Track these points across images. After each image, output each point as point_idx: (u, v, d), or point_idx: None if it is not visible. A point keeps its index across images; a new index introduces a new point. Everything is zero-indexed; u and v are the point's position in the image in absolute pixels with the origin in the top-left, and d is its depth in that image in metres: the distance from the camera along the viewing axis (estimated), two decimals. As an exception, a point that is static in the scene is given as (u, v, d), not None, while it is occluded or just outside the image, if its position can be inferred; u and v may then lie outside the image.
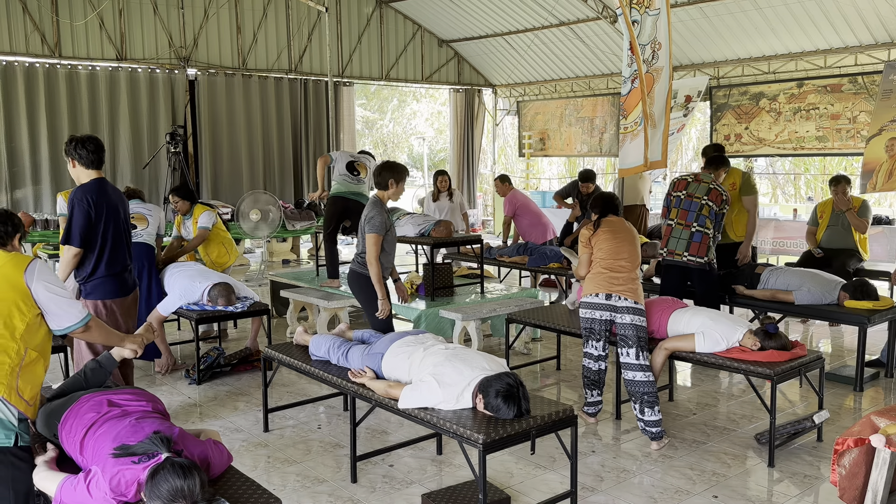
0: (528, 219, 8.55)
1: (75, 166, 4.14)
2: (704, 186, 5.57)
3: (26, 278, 2.75)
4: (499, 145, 17.39)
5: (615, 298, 4.41)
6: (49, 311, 2.81)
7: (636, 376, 4.35)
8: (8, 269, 2.76)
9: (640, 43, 6.79)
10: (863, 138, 10.35)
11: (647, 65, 7.09)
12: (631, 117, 6.50)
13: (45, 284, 2.79)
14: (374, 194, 4.80)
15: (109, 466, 2.47)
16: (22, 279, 2.74)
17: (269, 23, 12.71)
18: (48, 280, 2.81)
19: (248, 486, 2.75)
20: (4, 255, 2.81)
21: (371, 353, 3.85)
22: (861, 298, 5.35)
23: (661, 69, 7.00)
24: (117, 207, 4.26)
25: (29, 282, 2.75)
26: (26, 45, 10.61)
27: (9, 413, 2.67)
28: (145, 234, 6.00)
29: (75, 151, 4.09)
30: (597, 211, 4.69)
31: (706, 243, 5.46)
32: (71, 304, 2.88)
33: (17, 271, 2.75)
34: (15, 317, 2.71)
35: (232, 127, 12.47)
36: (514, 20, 13.24)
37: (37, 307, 2.78)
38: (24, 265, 2.78)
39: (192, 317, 5.51)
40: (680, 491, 3.80)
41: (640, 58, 6.46)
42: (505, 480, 3.92)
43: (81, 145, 4.09)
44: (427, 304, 6.08)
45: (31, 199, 10.99)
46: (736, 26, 10.92)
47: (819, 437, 4.46)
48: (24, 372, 2.73)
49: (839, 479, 2.78)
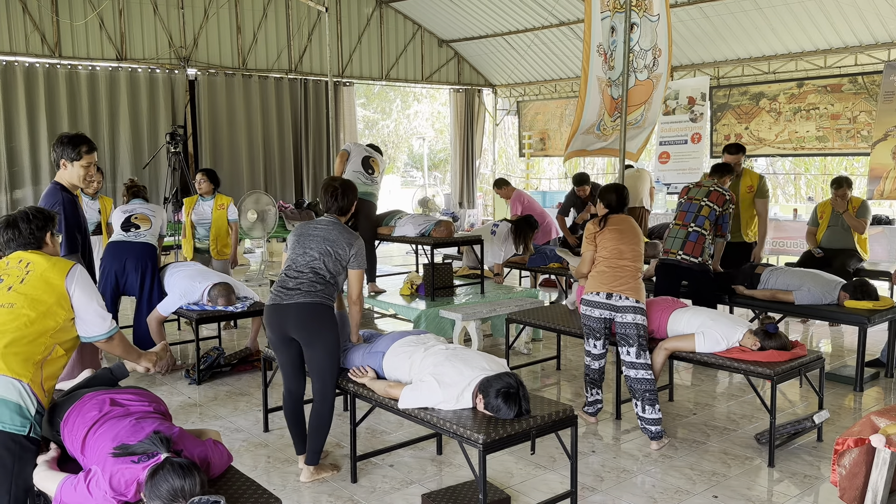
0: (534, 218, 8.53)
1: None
2: (704, 189, 5.60)
3: (67, 282, 2.86)
4: (499, 145, 17.39)
5: (616, 298, 4.41)
6: (81, 317, 2.91)
7: (637, 374, 4.35)
8: (51, 273, 2.87)
9: (641, 48, 6.91)
10: (863, 138, 10.36)
11: (648, 70, 7.25)
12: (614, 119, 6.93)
13: (83, 291, 2.89)
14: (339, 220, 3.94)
15: (109, 466, 2.48)
16: (63, 283, 2.86)
17: (269, 23, 12.71)
18: (86, 287, 2.91)
19: (248, 486, 2.74)
20: (46, 260, 2.92)
21: (372, 352, 3.85)
22: (861, 298, 5.35)
23: (660, 75, 7.16)
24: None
25: (69, 286, 2.86)
26: (26, 45, 10.61)
27: (29, 402, 2.72)
28: (148, 235, 6.00)
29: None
30: (607, 204, 4.62)
31: (701, 243, 5.47)
32: (102, 314, 2.96)
33: (59, 275, 2.87)
34: (51, 317, 2.81)
35: (232, 127, 12.47)
36: (514, 20, 13.24)
37: (72, 311, 2.88)
38: (67, 270, 2.89)
39: (192, 317, 5.51)
40: (680, 491, 3.80)
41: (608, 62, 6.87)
42: (505, 480, 3.92)
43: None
44: (427, 304, 6.08)
45: (31, 200, 10.98)
46: (736, 26, 10.92)
47: (819, 437, 4.46)
48: (48, 365, 2.82)
49: (839, 479, 2.78)
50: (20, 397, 2.69)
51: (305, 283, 3.72)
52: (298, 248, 3.80)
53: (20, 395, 2.69)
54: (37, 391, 2.75)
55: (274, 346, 3.86)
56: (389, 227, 6.96)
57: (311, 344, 3.72)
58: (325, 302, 3.73)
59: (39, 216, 3.02)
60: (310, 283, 3.71)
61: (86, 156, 3.90)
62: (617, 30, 6.73)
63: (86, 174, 3.97)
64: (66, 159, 3.92)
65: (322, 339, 3.70)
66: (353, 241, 3.81)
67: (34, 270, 2.87)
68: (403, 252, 12.71)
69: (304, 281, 3.72)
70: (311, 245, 3.77)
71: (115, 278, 5.85)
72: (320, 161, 13.38)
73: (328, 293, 3.75)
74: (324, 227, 3.83)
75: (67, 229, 4.00)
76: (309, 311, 3.68)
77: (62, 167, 3.97)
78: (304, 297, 3.68)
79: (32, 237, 2.98)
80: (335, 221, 3.88)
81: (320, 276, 3.73)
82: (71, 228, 4.03)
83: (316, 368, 3.75)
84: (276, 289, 3.79)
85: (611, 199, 4.61)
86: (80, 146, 3.90)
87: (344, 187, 3.90)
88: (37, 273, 2.86)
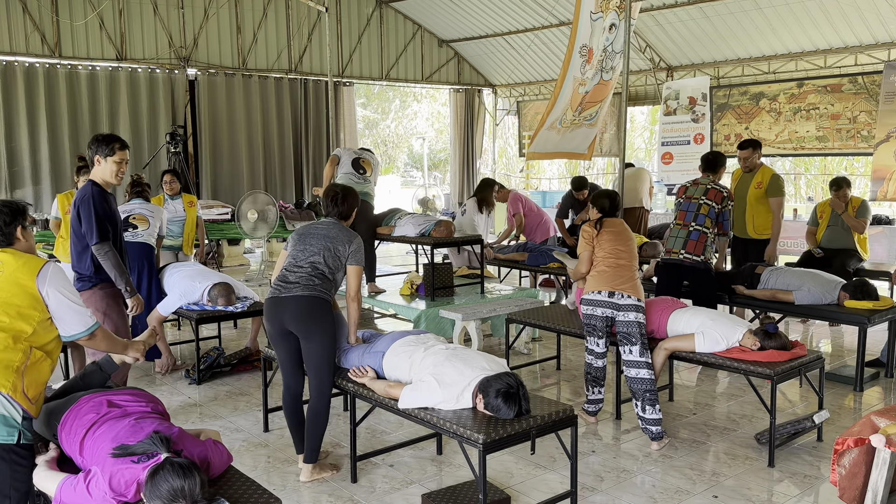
0: (532, 218, 8.53)
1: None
2: (702, 188, 5.61)
3: (38, 283, 2.74)
4: (499, 145, 17.39)
5: (618, 296, 4.42)
6: (58, 316, 2.81)
7: (639, 373, 4.35)
8: (21, 273, 2.73)
9: (613, 49, 7.04)
10: (863, 138, 10.36)
11: (613, 72, 7.39)
12: (585, 112, 7.13)
13: (57, 289, 2.77)
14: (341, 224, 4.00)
15: (109, 466, 2.47)
16: (34, 283, 2.73)
17: (269, 23, 12.71)
18: (60, 286, 2.79)
19: (248, 486, 2.74)
20: (17, 259, 2.78)
21: (372, 352, 3.85)
22: (861, 298, 5.35)
23: (614, 79, 7.35)
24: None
25: (41, 287, 2.74)
26: (26, 45, 10.61)
27: (13, 410, 2.67)
28: (146, 235, 6.00)
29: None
30: (600, 209, 4.69)
31: (703, 242, 5.48)
32: (80, 311, 2.86)
33: (30, 275, 2.73)
34: (25, 320, 2.70)
35: (232, 127, 12.47)
36: (514, 20, 13.24)
37: (47, 311, 2.77)
38: (37, 269, 2.75)
39: (192, 317, 5.51)
40: (680, 491, 3.80)
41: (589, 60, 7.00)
42: (505, 480, 3.92)
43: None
44: (427, 304, 6.08)
45: (31, 200, 10.99)
46: (736, 26, 10.92)
47: (819, 437, 4.46)
48: (30, 371, 2.72)
49: (839, 479, 2.78)
50: (2, 408, 2.63)
51: (304, 276, 3.78)
52: (299, 245, 3.88)
53: (2, 406, 2.63)
54: (19, 400, 2.66)
55: (273, 340, 3.90)
56: (389, 226, 6.96)
57: (308, 337, 3.76)
58: (323, 296, 3.78)
59: (6, 210, 2.85)
60: (308, 277, 3.77)
61: (119, 152, 4.19)
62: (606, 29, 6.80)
63: (118, 170, 4.23)
64: (100, 155, 4.19)
65: (319, 332, 3.74)
66: (352, 238, 3.90)
67: (4, 271, 2.73)
68: (403, 252, 12.70)
69: (303, 275, 3.79)
70: (312, 242, 3.86)
71: (115, 278, 5.85)
72: (320, 161, 13.38)
73: (326, 288, 3.80)
74: (325, 227, 3.93)
75: (98, 220, 4.19)
76: (307, 304, 3.73)
77: (96, 163, 4.23)
78: (302, 291, 3.75)
79: (1, 233, 2.83)
80: (335, 222, 3.96)
81: (319, 271, 3.80)
82: (101, 219, 4.21)
83: (313, 363, 3.79)
84: (276, 283, 3.85)
85: (604, 203, 4.70)
86: (113, 143, 4.19)
87: (345, 193, 4.00)
88: (6, 274, 2.73)
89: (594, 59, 7.22)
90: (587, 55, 7.06)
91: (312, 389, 3.82)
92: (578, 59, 6.90)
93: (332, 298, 3.89)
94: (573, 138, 8.24)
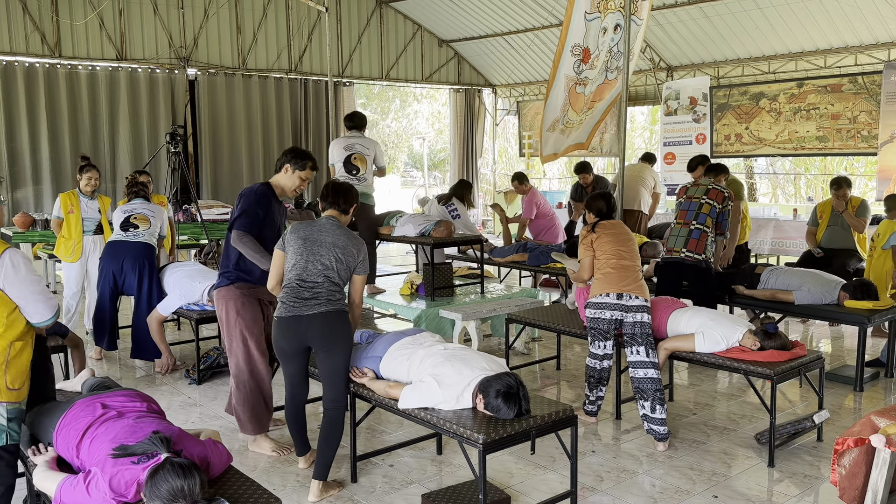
0: (544, 221, 8.46)
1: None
2: (703, 188, 5.62)
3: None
4: (499, 145, 17.39)
5: (626, 297, 4.40)
6: (22, 305, 2.75)
7: (648, 373, 4.33)
8: None
9: (618, 49, 7.06)
10: (863, 138, 10.37)
11: (617, 71, 7.42)
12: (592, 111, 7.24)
13: (16, 277, 2.69)
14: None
15: (109, 467, 2.47)
16: None
17: (269, 23, 12.71)
18: (19, 273, 2.70)
19: (248, 486, 2.74)
20: None
21: (369, 357, 3.83)
22: (861, 298, 5.35)
23: (619, 77, 7.41)
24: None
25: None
26: (26, 45, 10.61)
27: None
28: (146, 235, 6.00)
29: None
30: (597, 212, 4.69)
31: (704, 241, 5.48)
32: (44, 297, 2.79)
33: None
34: None
35: (232, 127, 12.47)
36: (514, 20, 13.25)
37: (12, 302, 2.71)
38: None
39: (192, 317, 5.52)
40: (680, 491, 3.80)
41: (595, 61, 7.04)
42: (505, 480, 3.92)
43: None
44: (427, 304, 6.08)
45: (31, 199, 11.00)
46: (736, 26, 10.93)
47: (819, 437, 4.46)
48: (12, 365, 2.69)
49: (839, 479, 2.78)
50: None
51: (324, 292, 3.66)
52: (306, 253, 3.68)
53: None
54: (4, 398, 2.63)
55: (286, 356, 3.77)
56: (389, 226, 6.96)
57: (330, 350, 3.67)
58: (344, 308, 3.73)
59: None
60: (328, 293, 3.67)
61: (308, 170, 4.20)
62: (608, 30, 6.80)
63: (299, 185, 4.24)
64: (291, 165, 4.20)
65: (342, 345, 3.69)
66: (360, 246, 3.80)
67: None
68: (403, 252, 12.70)
69: (321, 290, 3.66)
70: (322, 252, 3.68)
71: (113, 278, 5.85)
72: (320, 161, 13.36)
73: (343, 299, 3.75)
74: (330, 233, 3.73)
75: (250, 214, 4.10)
76: (333, 320, 3.66)
77: (284, 171, 4.21)
78: (325, 307, 3.64)
79: None
80: (337, 223, 3.79)
81: (335, 285, 3.71)
82: (255, 215, 4.13)
83: (331, 375, 3.71)
84: (287, 299, 3.68)
85: (600, 206, 4.68)
86: (307, 160, 4.21)
87: (344, 188, 3.89)
88: None
89: (599, 62, 7.23)
90: (581, 55, 7.07)
91: (328, 401, 3.73)
92: (570, 57, 6.92)
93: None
94: (578, 136, 8.39)
